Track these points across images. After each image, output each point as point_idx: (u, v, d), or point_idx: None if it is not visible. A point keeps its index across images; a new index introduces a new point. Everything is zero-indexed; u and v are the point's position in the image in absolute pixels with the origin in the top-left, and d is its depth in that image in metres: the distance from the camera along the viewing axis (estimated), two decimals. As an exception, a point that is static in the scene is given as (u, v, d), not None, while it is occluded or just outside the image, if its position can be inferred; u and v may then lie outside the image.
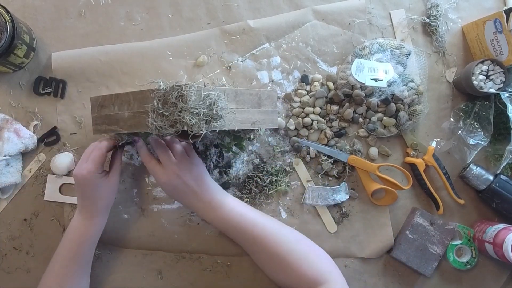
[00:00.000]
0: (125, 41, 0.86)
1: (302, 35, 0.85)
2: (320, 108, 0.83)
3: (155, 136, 0.75)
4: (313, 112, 0.83)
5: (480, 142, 0.81)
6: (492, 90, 0.79)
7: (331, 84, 0.84)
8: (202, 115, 0.60)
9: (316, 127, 0.83)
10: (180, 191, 0.74)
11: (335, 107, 0.83)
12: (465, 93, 0.85)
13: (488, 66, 0.80)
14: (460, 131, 0.82)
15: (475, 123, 0.82)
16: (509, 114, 0.76)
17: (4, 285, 0.83)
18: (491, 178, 0.81)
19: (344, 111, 0.83)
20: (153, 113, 0.61)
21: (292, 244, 0.73)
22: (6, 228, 0.83)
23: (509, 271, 0.84)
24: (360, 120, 0.84)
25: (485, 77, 0.80)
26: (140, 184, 0.84)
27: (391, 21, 0.87)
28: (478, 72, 0.80)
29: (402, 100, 0.82)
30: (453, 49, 0.87)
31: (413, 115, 0.81)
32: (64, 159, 0.83)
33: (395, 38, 0.86)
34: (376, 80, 0.76)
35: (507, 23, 0.75)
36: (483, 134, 0.81)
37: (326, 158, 0.83)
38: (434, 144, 0.84)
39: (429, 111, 0.84)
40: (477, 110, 0.82)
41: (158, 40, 0.85)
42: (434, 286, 0.83)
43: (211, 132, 0.70)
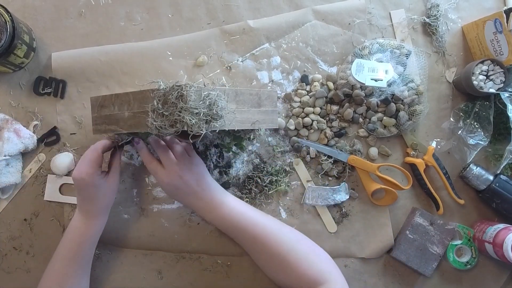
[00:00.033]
0: (125, 41, 0.86)
1: (302, 35, 0.85)
2: (320, 108, 0.83)
3: (155, 137, 0.75)
4: (313, 112, 0.83)
5: (480, 142, 0.81)
6: (492, 90, 0.79)
7: (331, 84, 0.84)
8: (202, 115, 0.60)
9: (316, 127, 0.83)
10: (181, 191, 0.74)
11: (335, 107, 0.83)
12: (465, 93, 0.85)
13: (488, 66, 0.80)
14: (460, 131, 0.82)
15: (475, 123, 0.82)
16: (509, 114, 0.76)
17: (4, 285, 0.83)
18: (491, 178, 0.81)
19: (344, 111, 0.83)
20: (153, 113, 0.61)
21: (292, 243, 0.73)
22: (6, 228, 0.83)
23: (509, 271, 0.84)
24: (360, 120, 0.84)
25: (485, 77, 0.80)
26: (140, 184, 0.84)
27: (391, 21, 0.87)
28: (478, 72, 0.80)
29: (402, 100, 0.82)
30: (453, 49, 0.87)
31: (413, 115, 0.81)
32: (64, 159, 0.83)
33: (395, 38, 0.86)
34: (376, 80, 0.76)
35: (507, 23, 0.75)
36: (483, 134, 0.81)
37: (326, 158, 0.83)
38: (434, 144, 0.84)
39: (429, 111, 0.84)
40: (477, 110, 0.82)
41: (158, 40, 0.85)
42: (434, 286, 0.83)
43: (211, 132, 0.70)
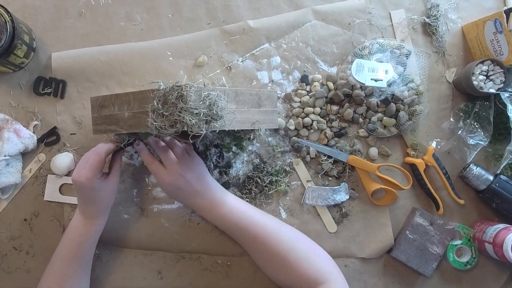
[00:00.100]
0: (125, 41, 0.86)
1: (302, 35, 0.85)
2: (320, 108, 0.83)
3: (155, 137, 0.75)
4: (313, 112, 0.83)
5: (480, 142, 0.81)
6: (492, 90, 0.79)
7: (331, 84, 0.84)
8: (202, 115, 0.60)
9: (316, 127, 0.83)
10: (182, 190, 0.74)
11: (335, 107, 0.83)
12: (465, 93, 0.85)
13: (488, 66, 0.80)
14: (460, 131, 0.82)
15: (475, 123, 0.82)
16: (509, 114, 0.76)
17: (4, 285, 0.83)
18: (491, 178, 0.81)
19: (344, 111, 0.83)
20: (153, 113, 0.61)
21: (292, 243, 0.74)
22: (6, 228, 0.83)
23: (509, 271, 0.84)
24: (360, 120, 0.84)
25: (485, 77, 0.80)
26: (140, 184, 0.84)
27: (391, 21, 0.87)
28: (478, 72, 0.80)
29: (402, 100, 0.82)
30: (453, 49, 0.87)
31: (413, 115, 0.81)
32: (64, 159, 0.83)
33: (395, 38, 0.86)
34: (376, 80, 0.76)
35: (507, 23, 0.75)
36: (483, 134, 0.81)
37: (326, 158, 0.83)
38: (434, 144, 0.84)
39: (429, 111, 0.84)
40: (477, 110, 0.82)
41: (158, 40, 0.85)
42: (434, 286, 0.83)
43: (211, 132, 0.70)
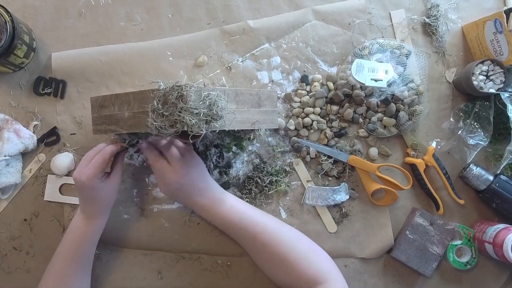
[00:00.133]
0: (125, 41, 0.86)
1: (302, 35, 0.85)
2: (320, 108, 0.83)
3: (156, 137, 0.75)
4: (313, 112, 0.83)
5: (480, 142, 0.81)
6: (492, 90, 0.79)
7: (331, 84, 0.84)
8: (202, 115, 0.60)
9: (316, 127, 0.83)
10: (184, 188, 0.74)
11: (335, 107, 0.83)
12: (465, 93, 0.85)
13: (488, 66, 0.80)
14: (460, 131, 0.82)
15: (475, 123, 0.82)
16: (509, 114, 0.76)
17: (4, 285, 0.83)
18: (491, 178, 0.81)
19: (344, 111, 0.83)
20: (153, 113, 0.61)
21: (292, 242, 0.73)
22: (6, 228, 0.83)
23: (509, 271, 0.83)
24: (360, 120, 0.84)
25: (485, 77, 0.80)
26: (140, 184, 0.84)
27: (391, 21, 0.87)
28: (478, 72, 0.80)
29: (402, 100, 0.82)
30: (453, 49, 0.87)
31: (413, 115, 0.81)
32: (64, 159, 0.83)
33: (395, 38, 0.86)
34: (376, 80, 0.76)
35: (507, 23, 0.75)
36: (483, 134, 0.81)
37: (326, 158, 0.83)
38: (434, 144, 0.84)
39: (429, 111, 0.84)
40: (477, 110, 0.82)
41: (158, 40, 0.85)
42: (434, 286, 0.83)
43: (211, 132, 0.70)
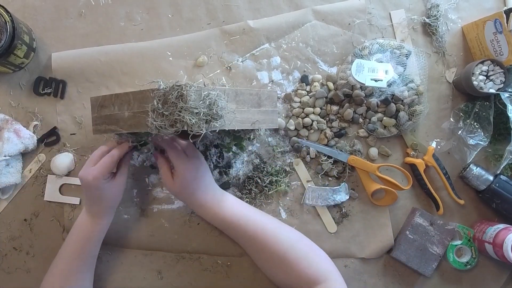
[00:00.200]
0: (125, 41, 0.86)
1: (302, 35, 0.85)
2: (320, 108, 0.83)
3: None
4: (313, 113, 0.83)
5: (480, 142, 0.81)
6: (492, 91, 0.79)
7: (331, 85, 0.84)
8: (202, 115, 0.60)
9: (316, 127, 0.83)
10: (193, 185, 0.73)
11: (335, 107, 0.83)
12: (465, 93, 0.85)
13: (488, 67, 0.80)
14: (460, 131, 0.82)
15: (475, 123, 0.82)
16: (509, 114, 0.76)
17: (4, 285, 0.83)
18: (491, 178, 0.81)
19: (344, 111, 0.83)
20: (153, 113, 0.61)
21: (292, 242, 0.74)
22: (6, 228, 0.83)
23: (509, 271, 0.83)
24: (360, 120, 0.84)
25: (485, 77, 0.80)
26: (140, 185, 0.84)
27: (391, 21, 0.87)
28: (478, 72, 0.80)
29: (402, 100, 0.82)
30: (453, 49, 0.87)
31: (413, 115, 0.81)
32: (64, 159, 0.83)
33: (395, 38, 0.86)
34: (376, 80, 0.76)
35: (507, 23, 0.75)
36: (483, 134, 0.81)
37: (326, 158, 0.83)
38: (434, 144, 0.84)
39: (429, 111, 0.84)
40: (477, 110, 0.82)
41: (158, 40, 0.85)
42: (434, 286, 0.83)
43: (211, 132, 0.70)
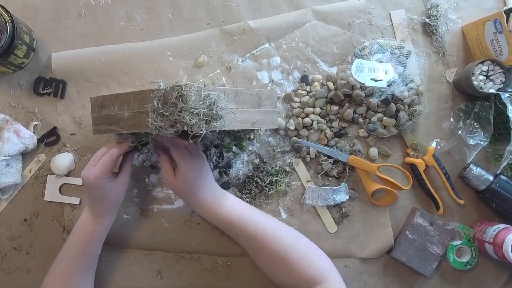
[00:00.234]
0: (125, 41, 0.86)
1: (302, 35, 0.85)
2: (320, 108, 0.83)
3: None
4: (313, 113, 0.83)
5: (480, 142, 0.81)
6: (492, 91, 0.79)
7: (331, 85, 0.84)
8: (202, 115, 0.60)
9: (316, 128, 0.83)
10: (195, 185, 0.73)
11: (335, 107, 0.83)
12: (465, 93, 0.85)
13: (488, 67, 0.80)
14: (460, 131, 0.82)
15: (475, 123, 0.82)
16: (509, 114, 0.76)
17: (4, 285, 0.83)
18: (491, 178, 0.81)
19: (344, 111, 0.83)
20: (153, 113, 0.61)
21: (292, 242, 0.74)
22: (6, 228, 0.84)
23: (509, 271, 0.83)
24: (360, 120, 0.84)
25: (485, 77, 0.80)
26: (140, 185, 0.84)
27: (391, 21, 0.87)
28: (478, 72, 0.80)
29: (402, 100, 0.82)
30: (453, 49, 0.87)
31: (413, 115, 0.81)
32: (64, 159, 0.83)
33: (395, 39, 0.86)
34: (376, 80, 0.76)
35: (507, 23, 0.75)
36: (483, 134, 0.81)
37: (326, 158, 0.83)
38: (434, 144, 0.84)
39: (429, 111, 0.84)
40: (477, 110, 0.82)
41: (158, 41, 0.85)
42: (434, 286, 0.83)
43: (211, 132, 0.70)
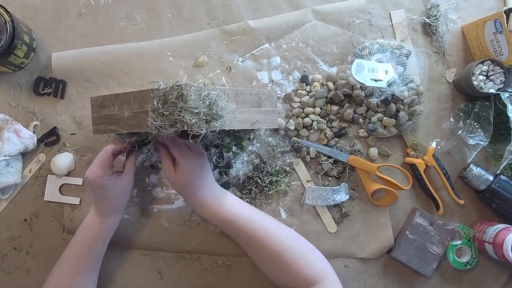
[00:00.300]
0: (125, 41, 0.86)
1: (302, 35, 0.85)
2: (320, 108, 0.83)
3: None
4: (313, 113, 0.83)
5: (480, 142, 0.81)
6: (492, 91, 0.79)
7: (331, 85, 0.84)
8: (202, 115, 0.60)
9: (316, 128, 0.83)
10: (195, 184, 0.73)
11: (335, 107, 0.83)
12: (465, 93, 0.85)
13: (488, 67, 0.80)
14: (460, 131, 0.82)
15: (475, 123, 0.82)
16: (509, 114, 0.76)
17: (4, 285, 0.83)
18: (491, 178, 0.81)
19: (344, 111, 0.83)
20: (153, 113, 0.61)
21: (291, 242, 0.74)
22: (6, 228, 0.84)
23: (509, 271, 0.83)
24: (360, 120, 0.84)
25: (485, 77, 0.80)
26: (140, 185, 0.84)
27: (391, 21, 0.87)
28: (478, 72, 0.80)
29: (402, 100, 0.82)
30: (453, 49, 0.87)
31: (413, 115, 0.81)
32: (64, 159, 0.83)
33: (395, 39, 0.86)
34: (376, 80, 0.76)
35: (507, 23, 0.75)
36: (483, 134, 0.81)
37: (326, 158, 0.83)
38: (434, 144, 0.84)
39: (429, 111, 0.84)
40: (477, 110, 0.82)
41: (158, 40, 0.85)
42: (434, 286, 0.83)
43: (211, 132, 0.70)
